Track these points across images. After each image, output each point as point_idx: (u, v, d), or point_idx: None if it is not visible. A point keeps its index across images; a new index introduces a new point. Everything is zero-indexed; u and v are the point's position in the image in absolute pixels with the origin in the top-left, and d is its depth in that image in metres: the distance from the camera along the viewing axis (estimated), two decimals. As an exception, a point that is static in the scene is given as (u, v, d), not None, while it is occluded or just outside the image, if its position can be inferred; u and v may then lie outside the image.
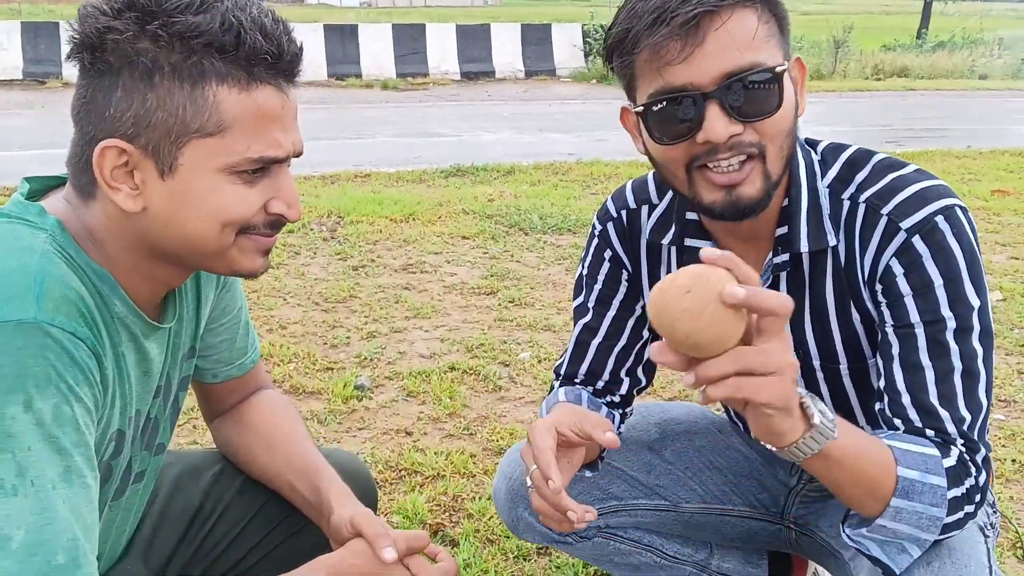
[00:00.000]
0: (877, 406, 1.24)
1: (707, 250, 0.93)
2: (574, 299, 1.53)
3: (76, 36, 0.99)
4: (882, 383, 1.22)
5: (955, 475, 1.15)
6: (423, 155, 7.56)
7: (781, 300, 0.93)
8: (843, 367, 1.34)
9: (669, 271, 1.37)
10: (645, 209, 1.43)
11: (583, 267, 1.51)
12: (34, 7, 22.97)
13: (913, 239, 1.20)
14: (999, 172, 6.90)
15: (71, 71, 1.02)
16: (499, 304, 3.82)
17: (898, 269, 1.21)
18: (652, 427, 1.65)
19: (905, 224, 1.20)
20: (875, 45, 20.51)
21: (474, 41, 14.49)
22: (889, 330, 1.23)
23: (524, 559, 2.10)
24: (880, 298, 1.25)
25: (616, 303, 1.48)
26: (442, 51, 14.24)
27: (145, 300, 1.11)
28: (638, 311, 1.48)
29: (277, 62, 1.01)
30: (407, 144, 8.32)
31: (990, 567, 1.23)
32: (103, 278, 1.05)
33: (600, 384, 1.50)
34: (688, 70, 1.13)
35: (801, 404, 1.02)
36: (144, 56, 0.97)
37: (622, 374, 1.50)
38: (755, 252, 1.30)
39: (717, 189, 1.18)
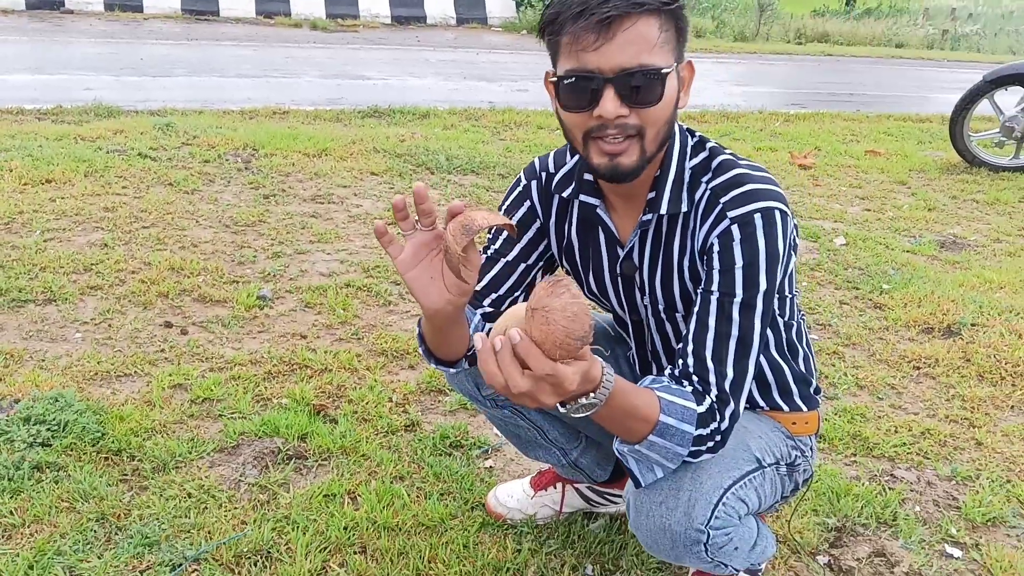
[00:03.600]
0: (678, 345, 1.58)
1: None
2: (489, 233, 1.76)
3: None
4: (683, 328, 1.57)
5: (703, 419, 1.45)
6: (347, 97, 7.70)
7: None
8: (679, 314, 1.68)
9: (570, 225, 1.71)
10: (562, 169, 1.70)
11: (502, 208, 1.75)
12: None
13: (732, 226, 1.48)
14: (878, 135, 7.39)
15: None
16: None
17: (716, 247, 1.50)
18: (602, 325, 1.95)
19: (731, 213, 1.49)
20: (806, 10, 21.01)
21: (407, -15, 14.57)
22: (700, 290, 1.53)
23: (392, 433, 2.49)
24: (699, 267, 1.55)
25: (525, 239, 1.73)
26: (373, -7, 14.31)
27: None
28: (541, 249, 1.75)
29: None
30: (332, 86, 8.44)
31: (727, 488, 1.54)
32: None
33: (494, 296, 1.72)
34: (597, 58, 1.39)
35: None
36: None
37: (518, 292, 1.73)
38: (633, 210, 1.63)
39: (603, 155, 1.46)
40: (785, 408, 1.75)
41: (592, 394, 1.30)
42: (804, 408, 1.77)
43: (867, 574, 2.06)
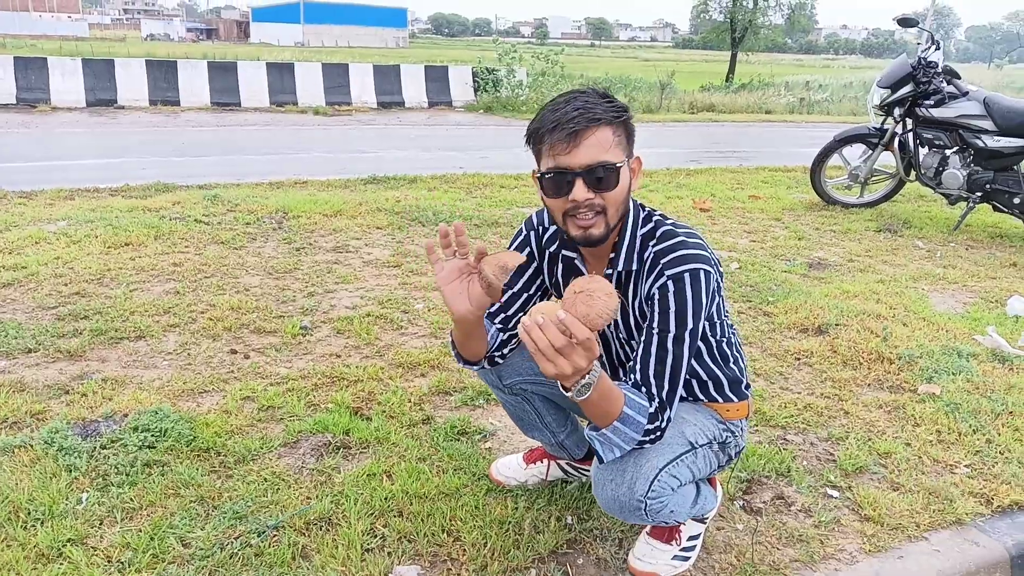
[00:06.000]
0: (629, 364, 1.67)
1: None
2: None
3: None
4: (635, 346, 1.66)
5: (651, 417, 1.56)
6: (348, 168, 7.67)
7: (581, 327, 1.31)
8: (634, 341, 1.75)
9: (557, 269, 1.82)
10: (550, 228, 1.81)
11: (510, 250, 1.81)
12: (17, 40, 21.74)
13: (668, 281, 1.58)
14: (758, 183, 7.50)
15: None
16: (402, 273, 4.16)
17: (657, 295, 1.58)
18: None
19: (667, 272, 1.59)
20: (696, 86, 21.45)
21: (387, 77, 14.63)
22: (646, 326, 1.61)
23: (413, 426, 2.56)
24: (646, 308, 1.62)
25: (526, 275, 1.84)
26: (362, 85, 14.36)
27: None
28: (538, 283, 1.84)
29: None
30: (336, 159, 8.39)
31: (661, 468, 1.62)
32: None
33: (503, 315, 1.84)
34: (568, 159, 1.51)
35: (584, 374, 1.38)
36: None
37: (522, 313, 1.82)
38: (601, 262, 1.72)
39: (578, 228, 1.57)
40: (719, 400, 1.83)
41: (591, 373, 1.42)
42: (735, 399, 1.84)
43: (772, 512, 2.18)
